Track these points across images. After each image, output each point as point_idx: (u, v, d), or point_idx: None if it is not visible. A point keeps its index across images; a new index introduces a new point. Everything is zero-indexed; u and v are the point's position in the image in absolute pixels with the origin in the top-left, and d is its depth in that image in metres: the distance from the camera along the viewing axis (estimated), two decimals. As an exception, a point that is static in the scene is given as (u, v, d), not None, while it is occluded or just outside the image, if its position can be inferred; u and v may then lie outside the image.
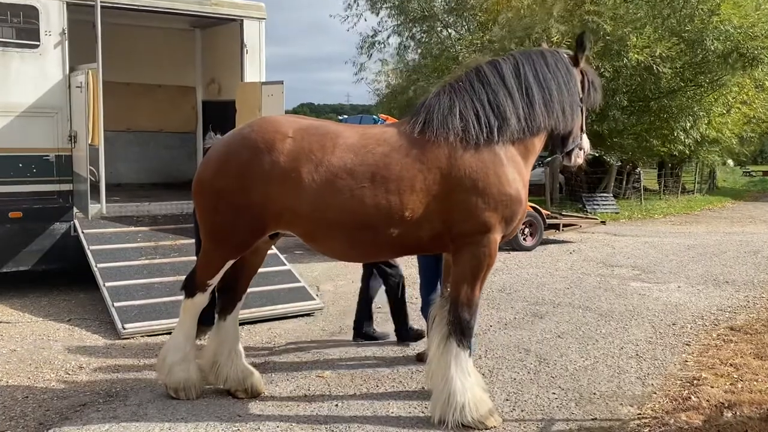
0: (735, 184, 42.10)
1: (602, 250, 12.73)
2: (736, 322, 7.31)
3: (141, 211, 8.76)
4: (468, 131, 4.47)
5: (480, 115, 4.51)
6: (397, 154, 4.44)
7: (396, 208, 4.37)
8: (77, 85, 7.96)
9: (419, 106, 4.69)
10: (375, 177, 4.38)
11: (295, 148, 4.44)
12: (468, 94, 4.59)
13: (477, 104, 4.55)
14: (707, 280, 9.80)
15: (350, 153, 4.44)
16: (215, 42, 10.80)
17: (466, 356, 4.56)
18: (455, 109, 4.52)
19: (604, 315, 7.56)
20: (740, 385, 5.13)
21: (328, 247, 4.76)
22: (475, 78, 4.65)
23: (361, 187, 4.36)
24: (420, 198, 4.39)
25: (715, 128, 22.72)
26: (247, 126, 4.77)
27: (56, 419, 4.63)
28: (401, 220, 4.40)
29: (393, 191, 4.37)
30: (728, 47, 18.49)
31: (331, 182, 4.38)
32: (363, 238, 4.49)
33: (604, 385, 5.30)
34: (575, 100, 4.81)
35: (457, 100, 4.57)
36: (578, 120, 4.90)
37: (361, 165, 4.40)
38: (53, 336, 6.64)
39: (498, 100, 4.56)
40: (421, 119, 4.55)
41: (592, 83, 4.95)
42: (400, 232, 4.44)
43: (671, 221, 19.63)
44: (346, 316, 7.53)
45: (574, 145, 4.93)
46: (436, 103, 4.59)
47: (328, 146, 4.45)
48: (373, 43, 24.81)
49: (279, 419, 4.59)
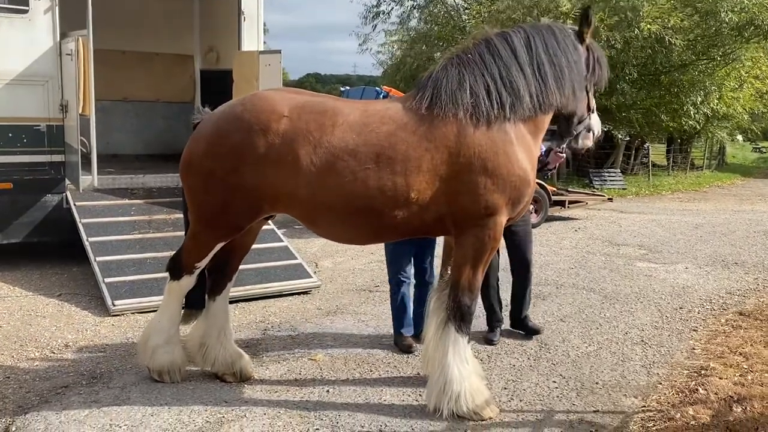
0: (744, 161, 41.51)
1: (608, 228, 12.47)
2: (746, 307, 7.07)
3: (135, 183, 8.55)
4: (478, 107, 4.18)
5: (491, 90, 4.23)
6: (402, 133, 4.15)
7: (402, 190, 4.10)
8: (68, 53, 7.69)
9: (425, 79, 4.38)
10: (380, 158, 4.10)
11: (292, 129, 4.16)
12: (478, 67, 4.29)
13: (488, 79, 4.25)
14: (716, 261, 9.54)
15: (352, 132, 4.15)
16: (214, 9, 10.50)
17: (465, 342, 4.35)
18: (465, 83, 4.23)
19: (608, 297, 7.33)
20: (750, 376, 4.89)
21: (328, 231, 4.51)
22: (485, 50, 4.34)
23: (364, 169, 4.09)
24: (427, 179, 4.13)
25: (727, 103, 22.24)
26: (239, 104, 4.45)
27: (36, 402, 4.45)
28: (407, 203, 4.14)
29: (399, 172, 4.09)
30: (743, 19, 18.00)
31: (332, 164, 4.10)
32: (366, 221, 4.23)
33: (608, 374, 5.09)
34: (581, 79, 4.54)
35: (467, 73, 4.27)
36: (584, 100, 4.64)
37: (365, 145, 4.12)
38: (42, 312, 6.47)
39: (511, 76, 4.27)
40: (428, 94, 4.25)
41: (598, 61, 4.64)
42: (405, 215, 4.18)
43: (679, 198, 19.30)
44: (344, 294, 7.35)
45: (582, 127, 4.70)
46: (444, 76, 4.28)
47: (327, 125, 4.16)
48: (378, 13, 24.33)
49: (266, 406, 4.40)
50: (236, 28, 9.26)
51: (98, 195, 8.01)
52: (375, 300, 7.11)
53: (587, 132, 4.75)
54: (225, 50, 10.18)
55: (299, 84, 62.69)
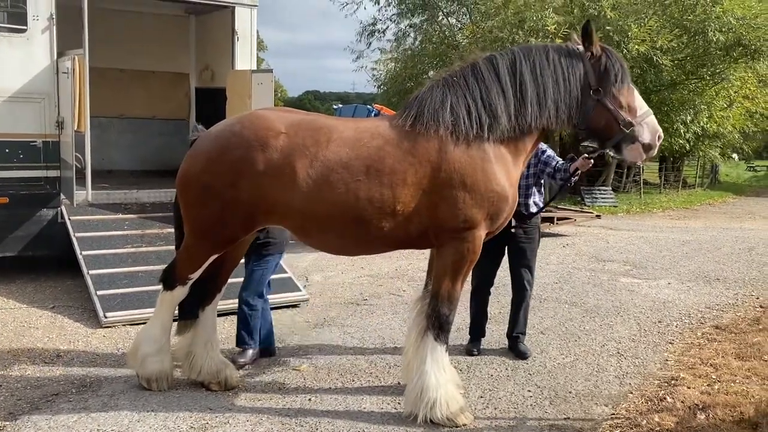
0: (738, 179, 41.84)
1: (596, 245, 12.67)
2: (722, 321, 7.26)
3: (129, 198, 8.73)
4: (458, 126, 4.41)
5: (471, 110, 4.44)
6: (390, 147, 4.40)
7: (388, 201, 4.34)
8: (64, 71, 7.91)
9: (412, 99, 4.64)
10: (369, 170, 4.34)
11: (289, 144, 4.39)
12: (461, 89, 4.51)
13: (469, 100, 4.47)
14: (698, 276, 9.74)
15: (345, 147, 4.40)
16: (210, 28, 10.73)
17: (443, 351, 4.54)
18: (447, 103, 4.46)
19: (589, 311, 7.51)
20: (717, 386, 5.08)
21: (320, 241, 4.71)
22: (470, 73, 4.56)
23: (356, 181, 4.33)
24: (411, 191, 4.36)
25: (717, 122, 22.56)
26: (237, 122, 4.67)
27: (27, 409, 4.61)
28: (393, 214, 4.36)
29: (386, 184, 4.33)
30: (730, 39, 18.33)
31: (327, 177, 4.34)
32: (355, 231, 4.45)
33: (581, 384, 5.26)
34: (577, 95, 4.50)
35: (450, 94, 4.50)
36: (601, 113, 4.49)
37: (357, 159, 4.36)
38: (35, 323, 6.63)
39: (490, 98, 4.46)
40: (413, 112, 4.50)
41: (606, 67, 4.48)
42: (391, 226, 4.40)
43: (670, 216, 19.53)
44: (331, 308, 7.52)
45: (617, 139, 4.50)
46: (429, 96, 4.53)
47: (322, 141, 4.41)
48: (373, 31, 24.70)
49: (249, 413, 4.57)
50: (230, 48, 9.49)
51: (92, 210, 8.20)
52: (362, 313, 7.28)
53: (631, 144, 4.51)
54: (219, 69, 10.40)
55: (298, 101, 63.07)
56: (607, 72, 4.49)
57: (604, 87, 4.49)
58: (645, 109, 4.55)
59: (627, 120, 4.46)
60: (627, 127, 4.46)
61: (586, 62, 4.52)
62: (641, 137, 4.48)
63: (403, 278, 9.08)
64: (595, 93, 4.48)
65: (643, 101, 4.59)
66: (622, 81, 4.51)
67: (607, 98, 4.48)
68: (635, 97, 4.55)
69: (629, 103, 4.50)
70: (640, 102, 4.55)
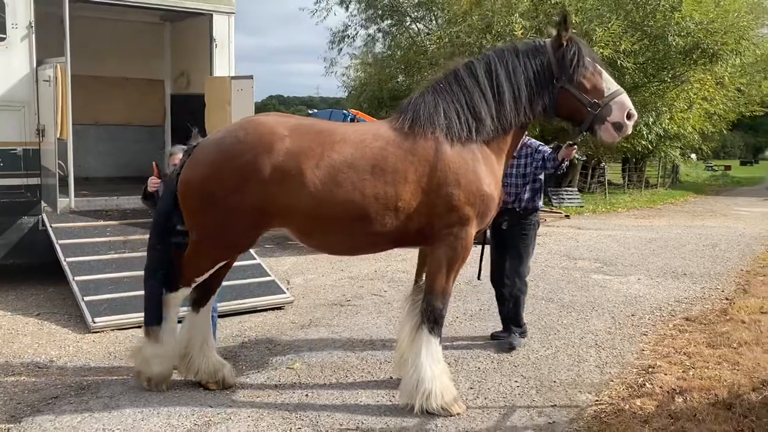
0: (698, 179, 43.04)
1: (566, 243, 13.03)
2: (692, 313, 7.61)
3: (110, 205, 8.77)
4: (451, 128, 4.67)
5: (460, 114, 4.71)
6: (391, 147, 4.63)
7: (391, 199, 4.54)
8: (45, 79, 7.92)
9: (405, 104, 4.89)
10: (374, 169, 4.55)
11: (294, 146, 4.54)
12: (449, 95, 4.77)
13: (457, 105, 4.74)
14: (666, 272, 10.12)
15: (350, 147, 4.59)
16: (185, 35, 10.79)
17: (437, 344, 4.75)
18: (439, 107, 4.73)
19: (566, 306, 7.80)
20: (692, 372, 5.39)
21: (322, 242, 4.87)
22: (453, 80, 4.83)
23: (362, 180, 4.52)
24: (411, 189, 4.58)
25: (677, 123, 23.26)
26: (239, 128, 4.75)
27: (28, 412, 4.68)
28: (395, 211, 4.57)
29: (390, 182, 4.54)
30: (689, 43, 18.97)
31: (334, 176, 4.51)
32: (359, 229, 4.62)
33: (564, 374, 5.52)
34: (547, 86, 4.71)
35: (440, 100, 4.76)
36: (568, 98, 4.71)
37: (362, 158, 4.56)
38: (22, 330, 6.64)
39: (473, 102, 4.73)
40: (409, 116, 4.75)
41: (563, 55, 4.68)
42: (392, 224, 4.60)
43: (634, 215, 20.07)
44: (316, 309, 7.67)
45: (588, 121, 4.70)
46: (422, 101, 4.79)
47: (326, 142, 4.59)
48: (343, 37, 24.92)
49: (250, 409, 4.71)
50: (207, 54, 9.56)
51: (74, 217, 8.22)
52: (347, 313, 7.45)
53: (602, 124, 4.68)
54: (195, 75, 10.47)
55: (262, 106, 62.70)
56: (564, 58, 4.70)
57: (565, 74, 4.70)
58: (614, 89, 4.71)
59: (591, 101, 4.66)
60: (593, 108, 4.65)
61: (548, 54, 4.76)
62: (610, 116, 4.66)
63: (383, 279, 9.27)
64: (558, 81, 4.72)
65: (613, 82, 4.74)
66: (583, 65, 4.67)
67: (570, 84, 4.70)
68: (603, 78, 4.73)
69: (595, 85, 4.70)
70: (608, 83, 4.72)
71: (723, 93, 24.28)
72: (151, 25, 11.23)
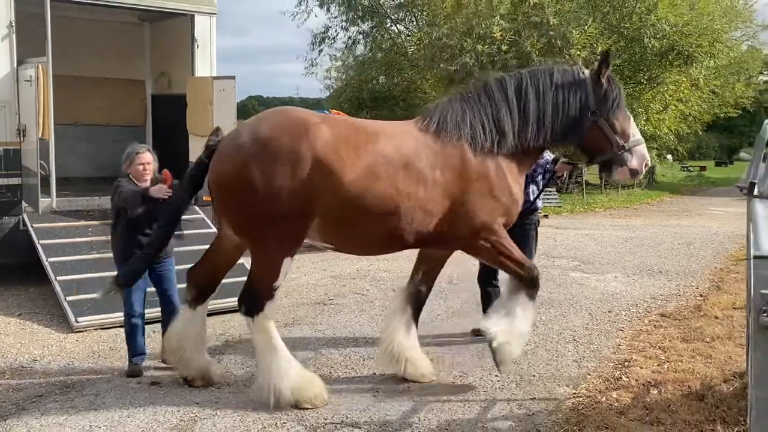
0: (673, 179, 43.59)
1: (544, 243, 13.16)
2: (667, 309, 7.79)
3: (91, 205, 8.76)
4: (476, 138, 4.81)
5: (486, 126, 4.85)
6: (422, 146, 4.75)
7: (421, 196, 4.65)
8: (26, 79, 7.91)
9: (433, 108, 5.01)
10: (408, 165, 4.64)
11: (331, 134, 4.56)
12: (476, 105, 4.91)
13: (483, 116, 4.87)
14: (642, 270, 10.33)
15: (387, 142, 4.67)
16: (165, 35, 10.79)
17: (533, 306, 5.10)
18: (466, 117, 4.86)
19: (544, 303, 7.94)
20: (666, 365, 5.55)
21: (347, 236, 4.81)
22: (482, 91, 4.97)
23: (396, 174, 4.60)
24: (440, 191, 4.71)
25: (653, 125, 23.63)
26: (270, 116, 4.77)
27: (13, 410, 4.71)
28: (423, 212, 4.69)
29: (421, 180, 4.65)
30: (665, 45, 19.31)
31: (372, 168, 4.56)
32: (385, 226, 4.65)
33: (543, 368, 5.65)
34: (575, 116, 4.88)
35: (468, 109, 4.89)
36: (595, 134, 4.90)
37: (397, 153, 4.65)
38: (4, 330, 6.64)
39: (500, 116, 4.86)
40: (436, 120, 4.87)
41: (605, 93, 4.86)
42: (418, 224, 4.70)
43: (611, 215, 20.35)
44: (299, 308, 7.73)
45: (606, 158, 4.96)
46: (449, 108, 4.92)
47: (361, 134, 4.68)
48: (324, 38, 24.93)
49: (235, 405, 4.78)
50: (188, 54, 9.59)
51: (55, 217, 8.21)
52: (329, 312, 7.53)
53: (620, 166, 4.92)
54: (176, 75, 10.48)
55: (242, 106, 62.40)
56: (606, 97, 4.89)
57: (601, 110, 4.88)
58: (638, 137, 4.99)
59: (620, 143, 4.89)
60: (618, 149, 4.88)
61: (587, 86, 4.91)
62: (630, 162, 4.92)
63: (365, 278, 9.36)
64: (592, 115, 4.89)
65: (637, 129, 5.03)
66: (619, 106, 4.91)
67: (605, 121, 4.90)
68: (630, 124, 4.99)
69: (624, 129, 4.93)
70: (634, 129, 4.99)
71: (698, 95, 24.73)
72: (131, 25, 11.22)
